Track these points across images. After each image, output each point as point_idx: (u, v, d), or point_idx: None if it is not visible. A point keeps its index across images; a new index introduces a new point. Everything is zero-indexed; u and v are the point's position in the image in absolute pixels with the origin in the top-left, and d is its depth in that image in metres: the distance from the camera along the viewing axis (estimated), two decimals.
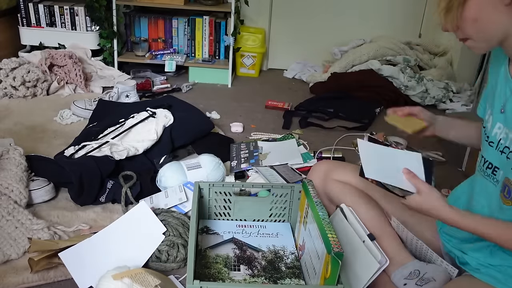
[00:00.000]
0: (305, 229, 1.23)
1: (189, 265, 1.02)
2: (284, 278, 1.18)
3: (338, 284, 1.01)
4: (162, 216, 1.38)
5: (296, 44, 3.15)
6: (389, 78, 2.65)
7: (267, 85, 2.92)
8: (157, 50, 2.92)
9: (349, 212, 1.25)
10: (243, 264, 1.21)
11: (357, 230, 1.20)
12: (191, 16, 2.87)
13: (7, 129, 2.07)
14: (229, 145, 1.99)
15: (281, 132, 2.22)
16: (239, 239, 1.30)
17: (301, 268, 1.22)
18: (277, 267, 1.21)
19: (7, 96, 2.39)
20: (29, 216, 1.41)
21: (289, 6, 3.06)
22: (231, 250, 1.26)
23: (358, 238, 1.18)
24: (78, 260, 1.24)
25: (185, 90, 2.69)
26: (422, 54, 2.93)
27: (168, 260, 1.30)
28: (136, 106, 2.08)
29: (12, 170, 1.52)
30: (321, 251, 1.05)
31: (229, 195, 1.35)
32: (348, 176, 1.35)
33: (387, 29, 3.04)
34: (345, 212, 1.26)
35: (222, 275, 1.16)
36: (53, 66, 2.57)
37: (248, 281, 1.15)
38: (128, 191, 1.55)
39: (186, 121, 1.92)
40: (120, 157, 1.70)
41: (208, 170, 1.63)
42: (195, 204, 1.26)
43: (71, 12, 2.77)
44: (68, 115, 2.21)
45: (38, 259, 1.22)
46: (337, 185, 1.34)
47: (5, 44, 2.76)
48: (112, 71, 2.79)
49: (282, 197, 1.35)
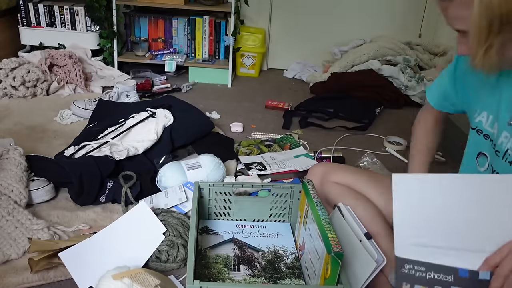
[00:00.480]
0: (305, 229, 1.23)
1: (189, 265, 1.02)
2: (284, 278, 1.18)
3: (338, 284, 1.00)
4: (162, 216, 1.38)
5: (296, 44, 3.15)
6: (389, 78, 2.65)
7: (267, 85, 2.92)
8: (157, 50, 2.92)
9: (346, 211, 1.25)
10: (243, 264, 1.21)
11: (354, 229, 1.20)
12: (191, 16, 2.87)
13: (7, 129, 2.07)
14: (229, 145, 1.99)
15: (281, 132, 2.22)
16: (239, 239, 1.30)
17: (301, 268, 1.22)
18: (277, 267, 1.21)
19: (7, 96, 2.39)
20: (29, 216, 1.41)
21: (289, 6, 3.06)
22: (231, 250, 1.26)
23: (356, 238, 1.18)
24: (78, 260, 1.24)
25: (185, 90, 2.69)
26: (422, 54, 2.93)
27: (168, 260, 1.30)
28: (136, 106, 2.08)
29: (12, 170, 1.52)
30: (321, 251, 1.05)
31: (229, 195, 1.35)
32: (346, 178, 1.35)
33: (387, 29, 3.04)
34: (343, 211, 1.26)
35: (222, 275, 1.16)
36: (53, 66, 2.57)
37: (248, 281, 1.15)
38: (128, 191, 1.55)
39: (186, 121, 1.92)
40: (120, 157, 1.70)
41: (208, 170, 1.63)
42: (195, 204, 1.26)
43: (71, 12, 2.77)
44: (68, 115, 2.21)
45: (38, 259, 1.22)
46: (335, 187, 1.34)
47: (5, 44, 2.76)
48: (112, 71, 2.79)
49: (282, 197, 1.35)
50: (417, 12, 3.05)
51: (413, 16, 3.06)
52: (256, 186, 1.38)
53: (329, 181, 1.36)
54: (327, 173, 1.39)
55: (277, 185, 1.35)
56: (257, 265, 1.21)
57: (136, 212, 1.36)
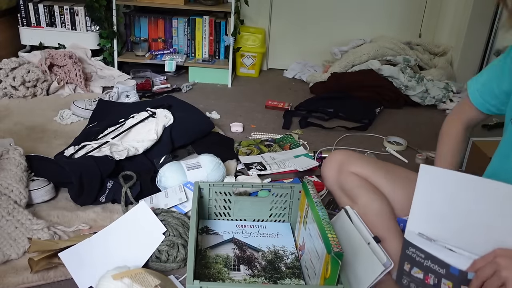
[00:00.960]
0: (305, 229, 1.23)
1: (189, 265, 1.02)
2: (284, 278, 1.18)
3: (338, 284, 1.01)
4: (162, 216, 1.38)
5: (296, 44, 3.15)
6: (389, 78, 2.65)
7: (267, 85, 2.92)
8: (157, 50, 2.92)
9: (354, 214, 1.24)
10: (243, 264, 1.21)
11: (362, 232, 1.19)
12: (191, 16, 2.87)
13: (7, 129, 2.07)
14: (229, 145, 1.99)
15: (281, 132, 2.22)
16: (239, 239, 1.31)
17: (301, 268, 1.22)
18: (277, 267, 1.21)
19: (7, 96, 2.39)
20: (29, 216, 1.41)
21: (289, 6, 3.06)
22: (231, 250, 1.26)
23: (363, 240, 1.17)
24: (78, 260, 1.24)
25: (185, 90, 2.69)
26: (422, 54, 2.93)
27: (168, 260, 1.30)
28: (136, 106, 2.07)
29: (12, 170, 1.52)
30: (321, 251, 1.05)
31: (229, 195, 1.35)
32: (364, 170, 1.31)
33: (387, 29, 3.04)
34: (350, 214, 1.25)
35: (222, 275, 1.16)
36: (53, 66, 2.57)
37: (248, 281, 1.15)
38: (128, 191, 1.55)
39: (186, 121, 1.92)
40: (120, 157, 1.70)
41: (208, 170, 1.63)
42: (195, 204, 1.26)
43: (71, 12, 2.77)
44: (68, 115, 2.21)
45: (38, 259, 1.22)
46: (353, 178, 1.30)
47: (5, 44, 2.76)
48: (112, 71, 2.79)
49: (282, 197, 1.35)
50: (417, 12, 3.05)
51: (413, 16, 3.06)
52: (256, 186, 1.38)
53: (347, 171, 1.32)
54: (345, 161, 1.34)
55: (277, 185, 1.35)
56: (257, 265, 1.21)
57: (136, 212, 1.36)
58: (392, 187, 1.28)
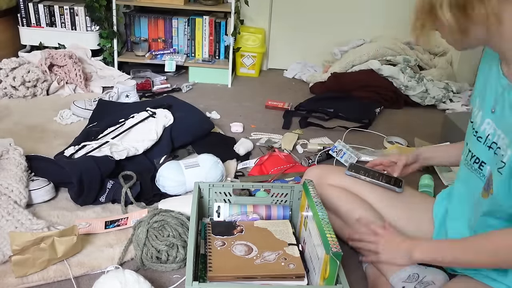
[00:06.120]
0: (305, 229, 1.23)
1: (188, 267, 1.02)
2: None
3: (337, 284, 1.01)
4: (160, 216, 1.37)
5: (296, 44, 3.15)
6: (389, 78, 2.65)
7: (267, 85, 2.92)
8: (157, 50, 2.92)
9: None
10: None
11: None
12: (191, 16, 2.87)
13: (7, 129, 2.07)
14: (229, 145, 1.99)
15: (281, 132, 2.22)
16: None
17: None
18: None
19: (7, 96, 2.39)
20: (29, 216, 1.41)
21: (289, 6, 3.06)
22: None
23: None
24: None
25: (185, 90, 2.69)
26: (422, 54, 2.93)
27: (168, 261, 1.30)
28: (136, 106, 2.08)
29: (12, 170, 1.52)
30: (321, 251, 1.05)
31: (229, 195, 1.35)
32: (343, 181, 1.35)
33: (387, 29, 3.04)
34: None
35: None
36: (53, 66, 2.57)
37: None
38: (128, 191, 1.55)
39: (186, 121, 1.92)
40: (120, 157, 1.70)
41: (206, 169, 1.63)
42: (195, 204, 1.26)
43: (71, 12, 2.77)
44: (68, 115, 2.21)
45: (21, 257, 1.19)
46: (332, 190, 1.33)
47: (5, 44, 2.76)
48: (112, 71, 2.79)
49: (282, 197, 1.35)
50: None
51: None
52: (256, 186, 1.38)
53: (325, 184, 1.35)
54: (322, 175, 1.38)
55: (277, 185, 1.35)
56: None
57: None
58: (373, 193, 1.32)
